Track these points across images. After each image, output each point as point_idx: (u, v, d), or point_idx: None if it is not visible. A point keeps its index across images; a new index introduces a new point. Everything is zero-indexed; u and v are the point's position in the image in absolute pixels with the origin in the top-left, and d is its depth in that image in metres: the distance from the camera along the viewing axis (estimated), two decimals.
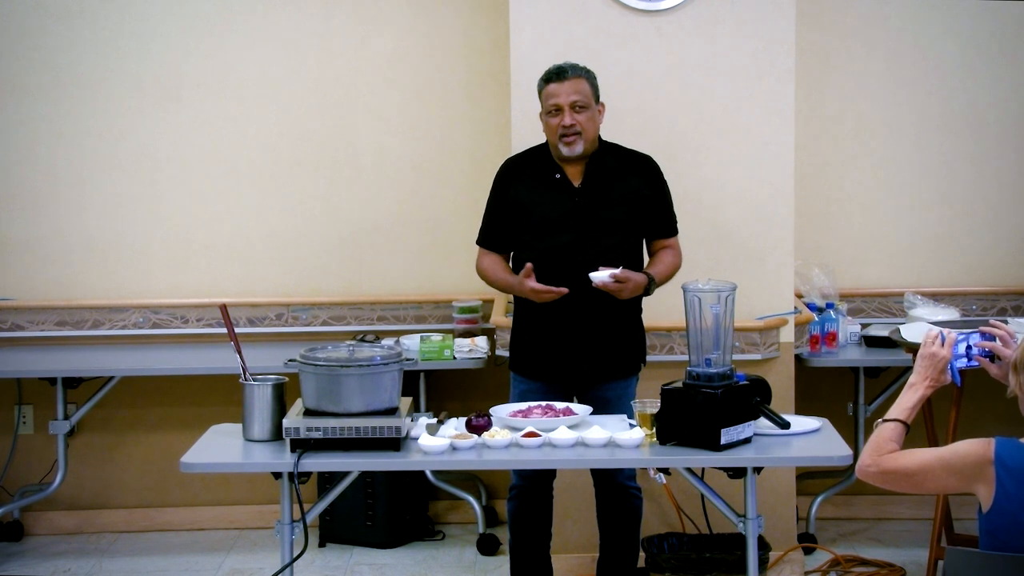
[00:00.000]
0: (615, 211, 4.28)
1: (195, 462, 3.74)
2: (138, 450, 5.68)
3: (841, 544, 5.31)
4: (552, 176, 4.31)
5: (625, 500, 4.37)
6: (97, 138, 5.57)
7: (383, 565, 5.20)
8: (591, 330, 4.27)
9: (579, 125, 4.22)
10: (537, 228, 4.29)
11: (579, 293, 4.20)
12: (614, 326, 4.29)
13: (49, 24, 5.52)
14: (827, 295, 5.26)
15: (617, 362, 4.33)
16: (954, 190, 5.63)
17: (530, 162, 4.38)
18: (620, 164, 4.34)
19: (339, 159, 5.61)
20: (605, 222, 4.27)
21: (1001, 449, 2.82)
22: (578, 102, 4.23)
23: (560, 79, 4.25)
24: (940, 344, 3.12)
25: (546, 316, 4.27)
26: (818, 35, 5.50)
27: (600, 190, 4.29)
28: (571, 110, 4.22)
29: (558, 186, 4.30)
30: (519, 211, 4.33)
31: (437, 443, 3.68)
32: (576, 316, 4.25)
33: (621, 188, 4.31)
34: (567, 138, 4.23)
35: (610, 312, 4.26)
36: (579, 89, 4.24)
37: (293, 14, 5.56)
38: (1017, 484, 2.80)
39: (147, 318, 5.56)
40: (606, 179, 4.30)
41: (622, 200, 4.30)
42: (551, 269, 4.23)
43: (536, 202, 4.30)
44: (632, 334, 4.36)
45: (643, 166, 4.39)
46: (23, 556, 5.37)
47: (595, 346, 4.28)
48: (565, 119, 4.22)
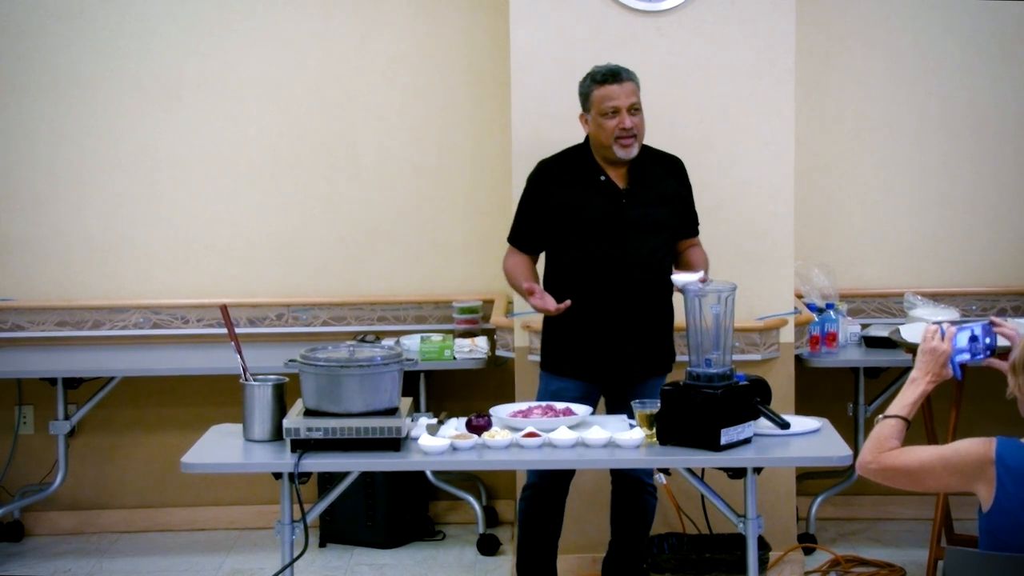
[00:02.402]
0: (659, 212, 4.32)
1: (195, 462, 3.74)
2: (138, 450, 5.68)
3: (841, 544, 5.31)
4: (597, 178, 4.31)
5: (640, 494, 4.39)
6: (97, 138, 5.58)
7: (383, 565, 5.20)
8: (627, 329, 4.28)
9: (636, 128, 4.24)
10: (584, 229, 4.29)
11: (620, 293, 4.25)
12: (649, 325, 4.32)
13: (49, 24, 5.52)
14: (827, 295, 5.26)
15: (651, 361, 4.35)
16: (954, 190, 5.63)
17: (569, 164, 4.36)
18: (655, 165, 4.37)
19: (339, 159, 5.61)
20: (651, 223, 4.30)
21: (1002, 449, 2.82)
22: (635, 104, 4.24)
23: (617, 81, 4.23)
24: (940, 338, 3.12)
25: (583, 315, 4.26)
26: (818, 35, 5.50)
27: (643, 192, 4.31)
28: (628, 112, 4.22)
29: (604, 188, 4.30)
30: (563, 213, 4.31)
31: (437, 443, 3.68)
32: (614, 315, 4.27)
33: (662, 189, 4.35)
34: (624, 140, 4.23)
35: (647, 312, 4.29)
36: (634, 91, 4.26)
37: (293, 14, 5.56)
38: (1017, 484, 2.80)
39: (147, 318, 5.57)
40: (648, 182, 4.33)
41: (664, 201, 4.35)
42: (594, 268, 4.26)
43: (582, 204, 4.29)
44: (666, 333, 4.39)
45: (675, 168, 4.44)
46: (23, 556, 5.37)
47: (631, 345, 4.30)
48: (625, 121, 4.22)
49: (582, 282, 4.26)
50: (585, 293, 4.26)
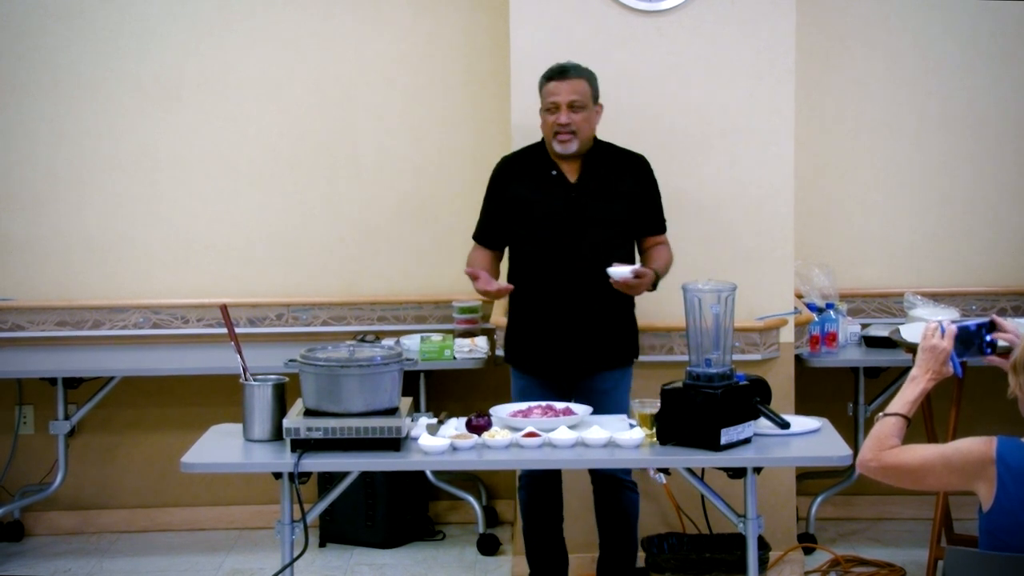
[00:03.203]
0: (609, 207, 4.36)
1: (195, 462, 3.74)
2: (138, 450, 5.68)
3: (841, 544, 5.31)
4: (548, 173, 4.39)
5: (619, 492, 4.41)
6: (97, 138, 5.57)
7: (383, 565, 5.20)
8: (582, 323, 4.34)
9: (574, 124, 4.30)
10: (534, 223, 4.37)
11: (571, 286, 4.31)
12: (605, 318, 4.36)
13: (49, 24, 5.52)
14: (827, 295, 5.26)
15: (609, 353, 4.39)
16: (954, 190, 5.63)
17: (527, 160, 4.46)
18: (615, 163, 4.42)
19: (339, 159, 5.61)
20: (599, 218, 4.35)
21: (1003, 448, 2.82)
22: (576, 102, 4.30)
23: (561, 77, 4.33)
24: (940, 336, 3.12)
25: (538, 310, 4.36)
26: (818, 35, 5.50)
27: (595, 187, 4.36)
28: (568, 109, 4.30)
29: (554, 182, 4.37)
30: (517, 207, 4.41)
31: (437, 443, 3.68)
32: (567, 309, 4.34)
33: (615, 186, 4.39)
34: (561, 136, 4.32)
35: (600, 305, 4.33)
36: (578, 89, 4.31)
37: (293, 14, 5.56)
38: (1018, 484, 2.79)
39: (147, 318, 5.56)
40: (601, 176, 4.38)
41: (616, 197, 4.38)
42: (546, 262, 4.33)
43: (533, 198, 4.38)
44: (624, 326, 4.43)
45: (636, 165, 4.46)
46: (23, 556, 5.37)
47: (587, 338, 4.35)
48: (561, 117, 4.30)
49: (534, 276, 4.37)
50: (537, 287, 4.37)
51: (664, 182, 4.53)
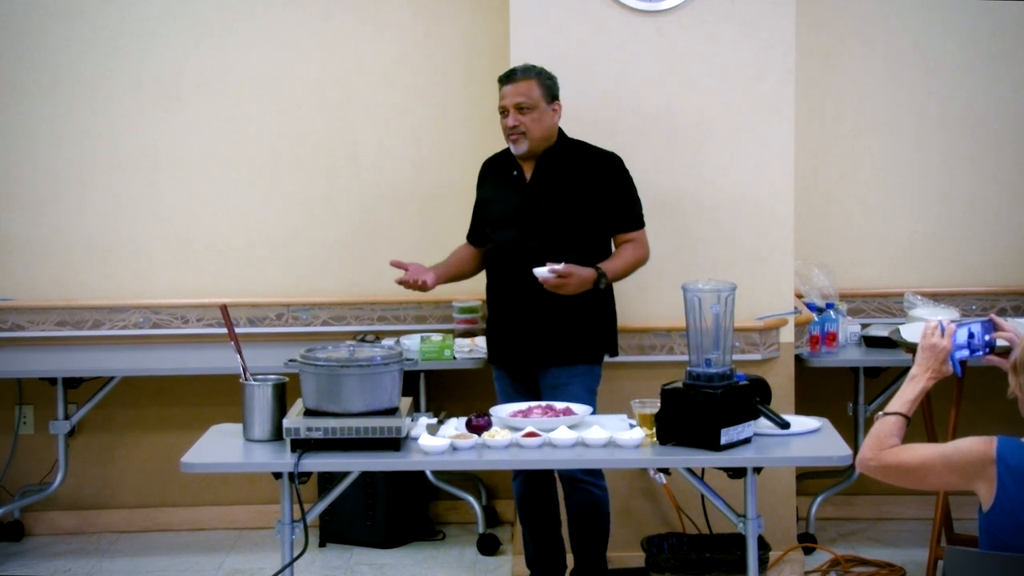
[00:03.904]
0: (562, 206, 4.41)
1: (195, 462, 3.74)
2: (138, 450, 5.68)
3: (841, 544, 5.31)
4: (511, 173, 4.50)
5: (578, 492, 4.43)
6: (97, 138, 5.57)
7: (383, 565, 5.20)
8: (535, 318, 4.41)
9: (523, 125, 4.39)
10: (492, 222, 4.53)
11: (525, 284, 4.36)
12: (559, 315, 4.39)
13: (49, 24, 5.52)
14: (827, 295, 5.26)
15: (561, 349, 4.42)
16: (954, 190, 5.63)
17: (500, 161, 4.61)
18: (577, 161, 4.45)
19: (339, 159, 5.61)
20: (550, 217, 4.41)
21: (1003, 448, 2.82)
22: (522, 104, 4.39)
23: (508, 81, 4.44)
24: (940, 335, 3.12)
25: (499, 307, 4.51)
26: (818, 35, 5.50)
27: (549, 186, 4.43)
28: (515, 111, 4.39)
29: (513, 182, 4.49)
30: (482, 206, 4.61)
31: (437, 443, 3.68)
32: (522, 305, 4.43)
33: (572, 184, 4.42)
34: (512, 137, 4.42)
35: (553, 302, 4.36)
36: (524, 91, 4.39)
37: (293, 14, 5.56)
38: (1018, 484, 2.79)
39: (147, 318, 5.56)
40: (556, 175, 4.43)
41: (572, 195, 4.41)
42: (500, 261, 4.48)
43: (496, 198, 4.54)
44: (583, 323, 4.43)
45: (602, 162, 4.47)
46: (23, 556, 5.37)
47: (539, 333, 4.42)
48: (509, 120, 4.40)
49: (496, 273, 4.53)
50: (498, 284, 4.52)
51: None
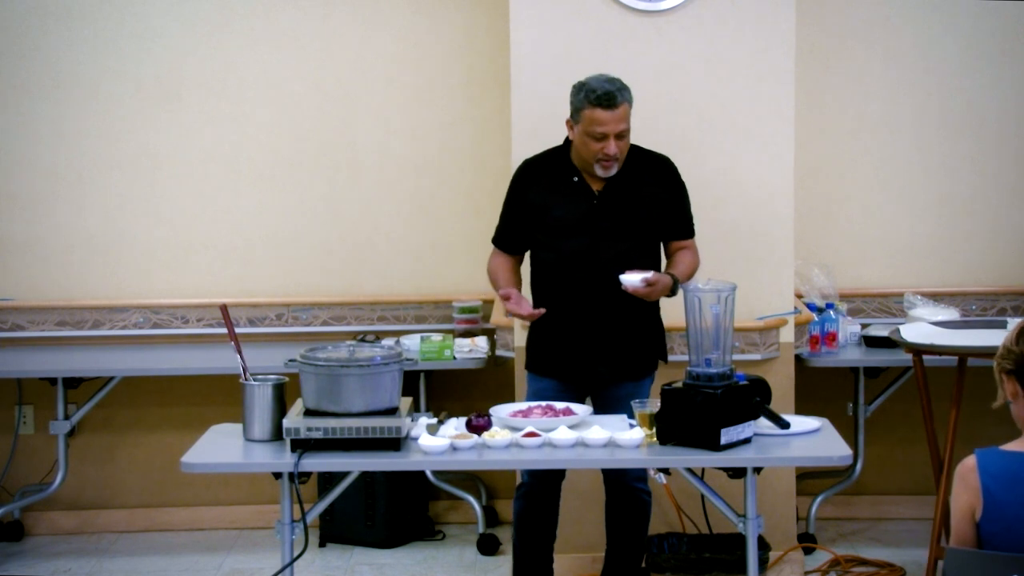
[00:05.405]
0: (632, 216, 4.27)
1: (195, 462, 3.74)
2: (138, 450, 5.68)
3: (841, 544, 5.31)
4: (570, 179, 4.29)
5: (635, 502, 4.37)
6: (97, 138, 5.58)
7: (383, 565, 5.20)
8: (606, 331, 4.26)
9: (620, 152, 4.19)
10: (553, 230, 4.28)
11: (594, 294, 4.22)
12: (630, 326, 4.28)
13: (49, 24, 5.52)
14: (827, 295, 5.26)
15: (632, 362, 4.32)
16: (954, 190, 5.62)
17: (548, 164, 4.35)
18: (638, 167, 4.30)
19: (339, 159, 5.62)
20: (622, 227, 4.26)
21: (982, 459, 2.89)
22: (623, 131, 4.17)
23: (611, 106, 4.12)
24: None
25: (562, 316, 4.26)
26: (818, 35, 5.50)
27: (618, 195, 4.26)
28: (615, 138, 4.15)
29: (576, 189, 4.27)
30: (537, 214, 4.31)
31: (437, 443, 3.68)
32: (591, 317, 4.25)
33: (639, 192, 4.28)
34: (605, 162, 4.19)
35: (625, 313, 4.25)
36: (624, 116, 4.16)
37: (293, 14, 5.56)
38: (1003, 487, 2.84)
39: (147, 318, 5.57)
40: (625, 184, 4.27)
41: (639, 204, 4.28)
42: (566, 271, 4.25)
43: (553, 204, 4.28)
44: (648, 334, 4.35)
45: (661, 168, 4.35)
46: (23, 556, 5.37)
47: (610, 347, 4.28)
48: (610, 148, 4.15)
49: (554, 283, 4.28)
50: (557, 294, 4.27)
51: None
